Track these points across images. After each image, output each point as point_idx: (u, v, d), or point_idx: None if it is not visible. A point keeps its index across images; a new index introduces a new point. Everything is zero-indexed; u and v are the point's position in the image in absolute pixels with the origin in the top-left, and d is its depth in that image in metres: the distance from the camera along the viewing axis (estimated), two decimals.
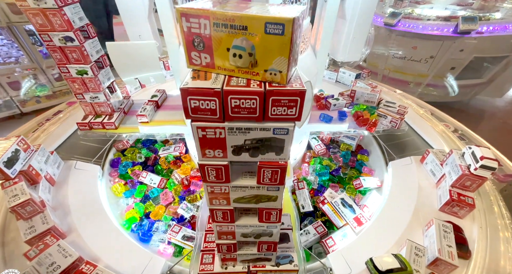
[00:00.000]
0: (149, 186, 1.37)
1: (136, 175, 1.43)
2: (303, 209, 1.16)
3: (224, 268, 0.74)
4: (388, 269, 0.75)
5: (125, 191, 1.33)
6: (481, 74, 3.82)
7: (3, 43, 3.77)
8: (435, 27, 3.46)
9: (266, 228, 0.61)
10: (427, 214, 1.06)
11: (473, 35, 3.22)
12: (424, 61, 3.76)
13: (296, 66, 0.38)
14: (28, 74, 3.32)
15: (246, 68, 0.35)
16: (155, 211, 1.24)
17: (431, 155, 1.23)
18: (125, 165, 1.50)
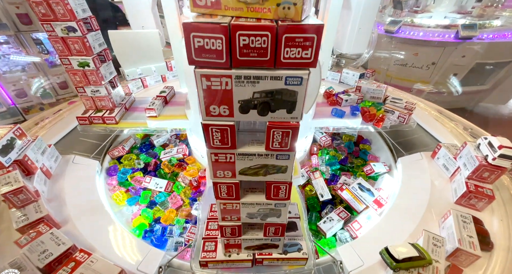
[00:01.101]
0: (154, 191, 1.29)
1: (138, 181, 1.34)
2: (322, 198, 1.17)
3: (228, 256, 0.69)
4: (405, 257, 0.69)
5: (127, 199, 1.25)
6: (484, 80, 3.81)
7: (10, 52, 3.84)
8: (435, 34, 3.48)
9: (274, 207, 0.56)
10: (443, 208, 1.00)
11: (475, 40, 3.22)
12: (426, 67, 3.76)
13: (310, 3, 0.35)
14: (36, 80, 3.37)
15: (256, 4, 0.32)
16: (165, 215, 1.17)
17: (443, 149, 1.18)
18: (124, 171, 1.39)
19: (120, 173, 1.37)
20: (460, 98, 3.72)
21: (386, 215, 1.05)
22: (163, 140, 1.68)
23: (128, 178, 1.37)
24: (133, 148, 1.62)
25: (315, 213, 1.18)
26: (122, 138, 1.61)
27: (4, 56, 3.89)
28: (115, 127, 1.37)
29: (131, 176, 1.38)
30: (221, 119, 0.41)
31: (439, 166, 1.21)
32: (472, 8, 3.81)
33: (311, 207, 1.21)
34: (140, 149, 1.60)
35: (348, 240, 1.04)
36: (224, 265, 0.70)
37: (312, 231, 1.11)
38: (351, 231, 1.05)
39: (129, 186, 1.33)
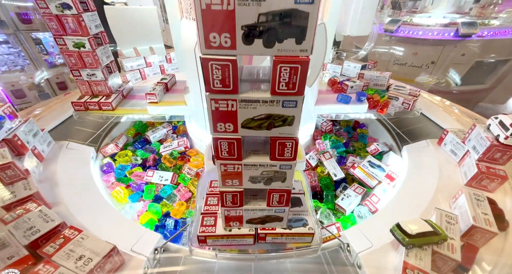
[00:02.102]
0: (158, 184, 1.22)
1: (139, 176, 1.24)
2: (335, 177, 1.19)
3: (228, 231, 0.64)
4: (419, 232, 0.64)
5: (130, 195, 1.17)
6: (484, 79, 3.80)
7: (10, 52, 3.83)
8: (435, 32, 3.48)
9: (278, 169, 0.51)
10: (452, 191, 0.95)
11: (475, 37, 3.22)
12: (426, 66, 3.75)
13: None
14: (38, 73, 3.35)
15: None
16: (175, 209, 1.10)
17: (451, 134, 1.14)
18: (122, 167, 1.29)
19: (118, 169, 1.27)
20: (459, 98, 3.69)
21: (394, 199, 1.01)
22: (160, 135, 1.58)
23: (127, 174, 1.28)
24: (127, 145, 1.51)
25: (330, 193, 1.17)
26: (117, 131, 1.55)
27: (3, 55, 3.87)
28: (112, 114, 1.33)
29: (129, 172, 1.28)
30: (222, 53, 0.37)
31: (447, 152, 1.17)
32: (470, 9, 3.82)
33: (325, 188, 1.20)
34: (134, 146, 1.50)
35: (366, 216, 1.05)
36: (224, 241, 0.65)
37: (330, 210, 1.10)
38: (370, 205, 1.06)
39: (128, 182, 1.24)
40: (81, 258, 0.62)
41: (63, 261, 0.61)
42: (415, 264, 0.62)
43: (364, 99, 1.36)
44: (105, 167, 1.29)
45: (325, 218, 1.05)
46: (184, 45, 1.06)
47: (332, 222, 1.03)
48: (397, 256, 0.73)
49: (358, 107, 1.34)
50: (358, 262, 0.76)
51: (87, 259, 0.62)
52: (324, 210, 1.07)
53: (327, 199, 1.14)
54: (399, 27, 3.56)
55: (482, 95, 3.78)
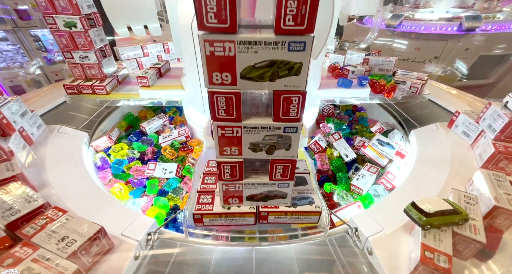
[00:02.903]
0: (161, 178, 1.12)
1: (139, 171, 1.13)
2: (347, 158, 1.18)
3: (227, 209, 0.58)
4: (438, 211, 0.58)
5: (131, 191, 1.07)
6: (488, 74, 3.73)
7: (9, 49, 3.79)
8: (438, 27, 3.41)
9: (283, 132, 0.45)
10: (467, 174, 0.89)
11: (479, 31, 3.15)
12: (429, 62, 3.69)
13: None
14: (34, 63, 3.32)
15: None
16: (184, 202, 1.03)
17: (463, 115, 1.08)
18: (118, 162, 1.17)
19: (114, 163, 1.16)
20: None
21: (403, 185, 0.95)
22: (156, 126, 1.47)
23: (125, 169, 1.17)
24: (120, 138, 1.39)
25: (343, 175, 1.14)
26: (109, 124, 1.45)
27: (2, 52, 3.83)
28: (107, 98, 1.28)
29: (127, 167, 1.17)
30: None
31: (458, 135, 1.10)
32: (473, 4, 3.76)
33: (336, 170, 1.17)
34: (129, 139, 1.38)
35: (382, 194, 1.03)
36: (223, 221, 0.59)
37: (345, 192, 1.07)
38: (386, 183, 1.05)
39: (127, 177, 1.13)
40: (63, 239, 0.56)
41: (44, 243, 0.55)
42: (434, 246, 0.56)
43: (366, 83, 1.31)
44: (100, 162, 1.16)
45: (342, 199, 1.02)
46: (180, 20, 1.00)
47: (350, 201, 0.99)
48: (411, 239, 0.66)
49: (360, 91, 1.29)
50: (369, 247, 0.70)
51: (71, 241, 0.56)
52: (340, 191, 1.04)
53: (341, 181, 1.11)
54: (401, 22, 3.50)
55: (486, 90, 3.71)
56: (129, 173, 1.15)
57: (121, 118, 1.55)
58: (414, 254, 0.59)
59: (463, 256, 0.60)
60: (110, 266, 0.62)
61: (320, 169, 1.14)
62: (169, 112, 1.62)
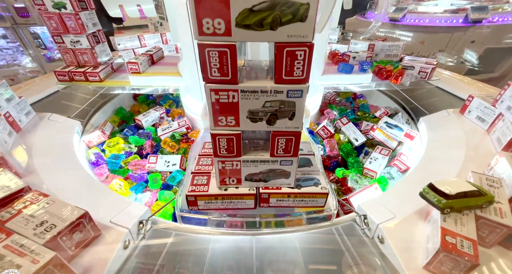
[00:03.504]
0: (163, 172, 1.05)
1: (139, 165, 1.05)
2: (356, 142, 1.16)
3: (224, 190, 0.52)
4: (460, 192, 0.51)
5: (131, 187, 0.99)
6: (494, 68, 3.64)
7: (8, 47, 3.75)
8: (443, 20, 3.33)
9: (286, 97, 0.39)
10: (484, 160, 0.82)
11: (485, 23, 3.07)
12: (433, 56, 3.61)
13: None
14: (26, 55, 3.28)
15: None
16: None
17: (477, 99, 1.01)
18: (115, 157, 1.08)
19: (110, 159, 1.07)
20: None
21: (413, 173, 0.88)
22: (153, 119, 1.38)
23: (123, 164, 1.08)
24: (114, 133, 1.30)
25: (354, 159, 1.11)
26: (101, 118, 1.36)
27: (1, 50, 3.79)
28: (101, 86, 1.22)
29: (125, 162, 1.09)
30: None
31: (472, 120, 1.04)
32: None
33: (346, 156, 1.14)
34: (124, 133, 1.28)
35: (396, 176, 1.00)
36: (219, 204, 0.53)
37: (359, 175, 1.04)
38: (399, 164, 1.02)
39: (126, 173, 1.05)
40: (42, 224, 0.50)
41: (19, 228, 0.49)
42: (456, 230, 0.50)
43: (368, 69, 1.25)
44: (95, 157, 1.06)
45: (356, 183, 0.99)
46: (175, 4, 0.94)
47: (365, 185, 0.95)
48: (427, 226, 0.60)
49: (362, 77, 1.23)
50: (380, 235, 0.63)
51: (50, 226, 0.50)
52: (354, 175, 1.00)
53: (353, 166, 1.08)
54: (404, 15, 3.42)
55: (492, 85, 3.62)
56: (128, 168, 1.07)
57: (113, 113, 1.45)
58: (432, 241, 0.53)
59: (487, 243, 0.54)
60: (96, 255, 0.57)
61: (330, 154, 1.11)
62: (165, 105, 1.54)
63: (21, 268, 0.42)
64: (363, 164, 1.06)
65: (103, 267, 0.54)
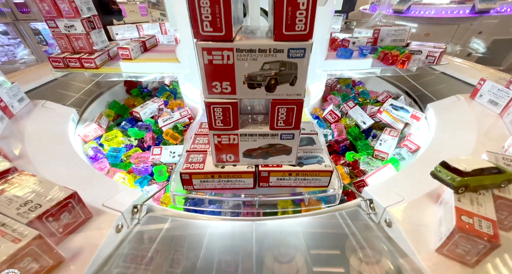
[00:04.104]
0: (168, 164, 1.00)
1: (141, 158, 1.00)
2: (364, 125, 1.16)
3: (221, 167, 0.48)
4: (476, 169, 0.47)
5: (136, 180, 0.95)
6: (500, 61, 3.55)
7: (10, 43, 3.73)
8: (449, 10, 3.25)
9: (287, 56, 0.35)
10: (497, 143, 0.78)
11: (493, 13, 2.98)
12: None
13: None
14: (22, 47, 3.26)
15: None
16: None
17: (489, 82, 0.97)
18: (115, 150, 1.03)
19: (110, 152, 1.03)
20: None
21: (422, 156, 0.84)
22: (151, 111, 1.32)
23: (124, 158, 1.03)
24: (110, 126, 1.25)
25: (363, 142, 1.11)
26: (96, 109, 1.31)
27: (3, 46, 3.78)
28: (98, 73, 1.18)
29: (126, 155, 1.04)
30: None
31: (483, 104, 0.99)
32: None
33: (354, 139, 1.14)
34: (122, 126, 1.23)
35: (405, 157, 1.00)
36: (216, 183, 0.50)
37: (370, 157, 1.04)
38: (409, 144, 1.01)
39: (128, 167, 1.01)
40: (26, 204, 0.47)
41: (2, 207, 0.46)
42: (472, 210, 0.46)
43: (368, 53, 1.21)
44: (93, 152, 1.01)
45: (367, 165, 0.98)
46: None
47: (377, 166, 0.95)
48: (439, 208, 0.56)
49: (361, 62, 1.19)
50: (387, 218, 0.60)
51: (35, 205, 0.47)
52: (365, 158, 1.00)
53: (363, 149, 1.08)
54: (409, 7, 3.34)
55: None
56: (130, 161, 1.02)
57: (106, 107, 1.39)
58: (445, 223, 0.49)
59: (505, 225, 0.50)
60: (87, 239, 0.53)
61: (338, 139, 1.10)
62: (162, 97, 1.48)
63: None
64: (373, 147, 1.05)
65: (93, 251, 0.51)
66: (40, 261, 0.43)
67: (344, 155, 1.04)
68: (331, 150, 1.08)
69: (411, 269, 0.50)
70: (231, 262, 0.54)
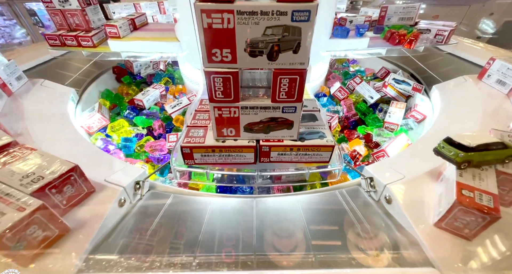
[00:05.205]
0: None
1: (156, 146, 0.98)
2: (372, 99, 1.19)
3: (221, 142, 0.48)
4: (481, 144, 0.47)
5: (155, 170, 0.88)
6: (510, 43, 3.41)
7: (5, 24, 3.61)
8: None
9: (290, 20, 0.34)
10: (504, 122, 0.77)
11: None
12: None
13: None
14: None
15: None
16: None
17: (499, 61, 0.93)
18: (127, 140, 1.01)
19: (123, 142, 1.00)
20: None
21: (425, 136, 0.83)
22: (154, 98, 1.27)
23: (138, 148, 1.00)
24: (113, 117, 1.20)
25: (372, 116, 1.16)
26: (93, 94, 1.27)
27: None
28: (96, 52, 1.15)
29: (139, 144, 1.01)
30: None
31: (491, 85, 0.97)
32: None
33: (363, 114, 1.19)
34: (126, 115, 1.19)
35: (413, 127, 1.07)
36: (217, 157, 0.49)
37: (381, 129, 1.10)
38: (416, 114, 1.06)
39: (144, 156, 0.99)
40: (28, 176, 0.48)
41: (5, 179, 0.47)
42: (474, 185, 0.45)
43: (365, 32, 1.17)
44: (103, 143, 0.97)
45: (379, 136, 1.05)
46: None
47: (389, 137, 1.02)
48: (440, 185, 0.56)
49: (358, 41, 1.16)
50: (387, 195, 0.60)
51: (37, 177, 0.47)
52: (377, 130, 1.07)
53: (373, 122, 1.13)
54: None
55: None
56: (144, 150, 1.00)
57: (99, 97, 1.32)
58: (445, 197, 0.49)
59: (506, 200, 0.50)
60: (90, 212, 0.54)
61: (347, 115, 1.16)
62: (161, 83, 1.42)
63: (5, 215, 0.39)
64: (383, 119, 1.10)
65: (97, 222, 0.52)
66: (46, 229, 0.44)
67: (355, 129, 1.11)
68: (343, 126, 1.14)
69: (408, 242, 0.51)
70: (232, 236, 0.56)
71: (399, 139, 0.94)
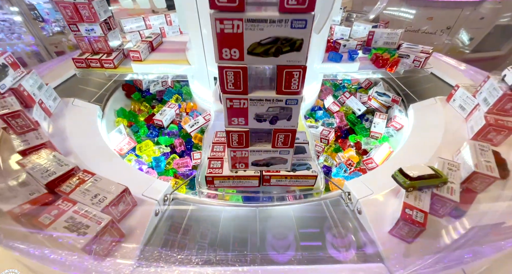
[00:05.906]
0: None
1: (183, 163, 1.10)
2: (359, 111, 1.43)
3: (234, 172, 0.66)
4: (420, 175, 0.65)
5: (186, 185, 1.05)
6: (500, 45, 3.56)
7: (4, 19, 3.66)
8: None
9: (285, 104, 0.51)
10: (457, 145, 0.95)
11: None
12: (440, 32, 3.51)
13: None
14: None
15: None
16: None
17: (461, 89, 1.11)
18: (157, 159, 1.14)
19: (155, 162, 1.13)
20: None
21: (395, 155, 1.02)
22: (170, 117, 1.39)
23: (167, 166, 1.14)
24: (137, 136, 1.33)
25: (360, 126, 1.38)
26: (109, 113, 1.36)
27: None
28: (115, 72, 1.31)
29: (167, 162, 1.15)
30: None
31: (455, 108, 1.14)
32: None
33: (352, 124, 1.41)
34: (148, 135, 1.32)
35: (393, 135, 1.30)
36: (231, 183, 0.68)
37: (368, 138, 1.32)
38: (396, 124, 1.29)
39: (172, 173, 1.13)
40: (96, 196, 0.66)
41: (80, 198, 0.65)
42: (414, 204, 0.64)
43: (356, 58, 1.33)
44: (138, 164, 1.11)
45: (367, 144, 1.25)
46: None
47: (375, 145, 1.23)
48: (396, 201, 0.75)
49: (350, 65, 1.32)
50: (359, 207, 0.79)
51: (102, 197, 0.65)
52: (365, 139, 1.28)
53: (361, 131, 1.34)
54: None
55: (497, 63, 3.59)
56: (173, 167, 1.13)
57: (115, 115, 1.42)
58: (397, 212, 0.68)
59: (440, 214, 0.69)
60: (135, 220, 0.73)
61: (340, 125, 1.36)
62: (172, 100, 1.52)
63: (89, 227, 0.58)
64: (369, 129, 1.33)
65: (143, 227, 0.71)
66: (112, 235, 0.62)
67: (347, 138, 1.33)
68: (337, 135, 1.36)
69: (368, 242, 0.70)
70: (242, 238, 0.75)
71: (383, 147, 1.14)
